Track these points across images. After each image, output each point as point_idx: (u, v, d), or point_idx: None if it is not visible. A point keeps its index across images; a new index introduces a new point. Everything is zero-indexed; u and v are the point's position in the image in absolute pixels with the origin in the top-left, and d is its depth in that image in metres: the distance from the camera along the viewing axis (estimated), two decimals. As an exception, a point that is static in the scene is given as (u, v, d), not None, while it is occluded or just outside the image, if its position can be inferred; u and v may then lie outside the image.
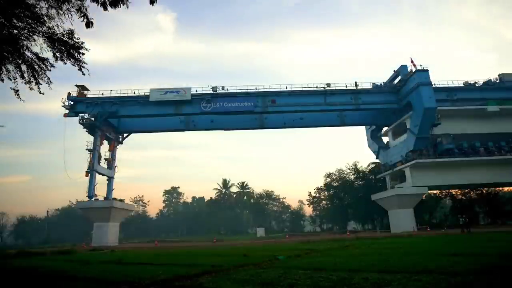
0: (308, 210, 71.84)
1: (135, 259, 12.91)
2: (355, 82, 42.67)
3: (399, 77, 43.03)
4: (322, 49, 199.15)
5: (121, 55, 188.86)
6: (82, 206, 39.72)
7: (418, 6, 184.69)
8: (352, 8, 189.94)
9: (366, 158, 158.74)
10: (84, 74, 8.19)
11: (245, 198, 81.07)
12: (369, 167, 58.27)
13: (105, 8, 7.01)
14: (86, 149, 39.66)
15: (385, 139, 48.57)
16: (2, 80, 7.83)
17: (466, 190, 50.74)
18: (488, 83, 44.10)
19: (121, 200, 41.91)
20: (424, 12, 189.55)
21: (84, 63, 8.04)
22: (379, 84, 44.22)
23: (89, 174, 38.69)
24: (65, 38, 7.58)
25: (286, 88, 42.61)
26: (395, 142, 45.48)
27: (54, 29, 7.47)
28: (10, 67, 7.71)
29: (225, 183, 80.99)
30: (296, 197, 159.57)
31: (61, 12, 7.21)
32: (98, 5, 7.01)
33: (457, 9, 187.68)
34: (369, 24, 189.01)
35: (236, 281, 5.92)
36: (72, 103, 40.26)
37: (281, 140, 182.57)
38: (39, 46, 7.62)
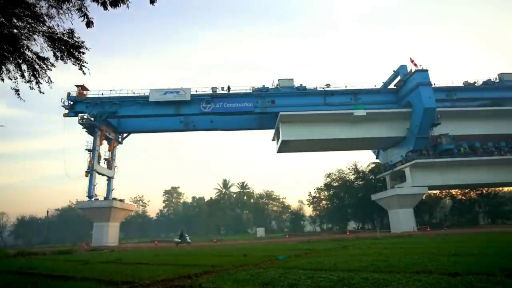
0: (308, 210, 71.85)
1: (135, 259, 12.90)
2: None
3: (399, 77, 43.08)
4: (322, 49, 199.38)
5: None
6: (82, 206, 39.74)
7: (418, 5, 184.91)
8: (352, 8, 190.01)
9: (366, 158, 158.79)
10: (84, 74, 8.18)
11: (245, 198, 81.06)
12: (369, 167, 58.28)
13: (105, 8, 7.00)
14: (86, 149, 39.72)
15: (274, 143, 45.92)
16: (3, 80, 7.83)
17: (466, 190, 50.76)
18: (487, 83, 44.14)
19: (121, 200, 41.92)
20: (424, 12, 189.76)
21: (85, 62, 8.04)
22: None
23: (89, 174, 38.75)
24: (65, 38, 7.58)
25: (286, 88, 42.66)
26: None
27: (55, 29, 7.47)
28: (11, 66, 7.70)
29: (225, 183, 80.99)
30: (296, 197, 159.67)
31: (62, 12, 7.21)
32: (98, 4, 7.00)
33: (457, 9, 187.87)
34: (369, 23, 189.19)
35: (236, 281, 5.92)
36: (71, 103, 40.32)
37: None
38: (39, 46, 7.62)
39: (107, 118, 41.40)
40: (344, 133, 40.91)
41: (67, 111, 40.15)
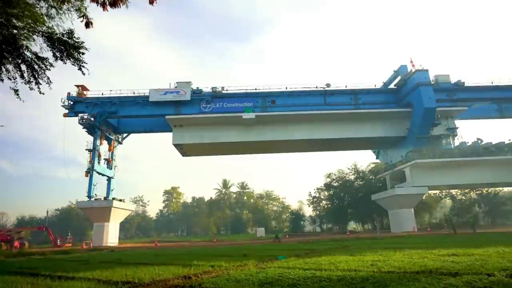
0: (308, 210, 71.87)
1: (135, 259, 12.90)
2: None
3: (399, 77, 43.03)
4: (322, 49, 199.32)
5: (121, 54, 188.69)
6: (82, 206, 39.70)
7: (418, 6, 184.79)
8: (353, 8, 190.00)
9: (366, 158, 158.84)
10: (84, 74, 8.18)
11: (245, 198, 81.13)
12: (369, 167, 58.28)
13: (104, 8, 6.99)
14: (86, 149, 39.74)
15: None
16: (2, 80, 7.81)
17: (466, 190, 50.76)
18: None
19: (121, 200, 41.87)
20: (425, 12, 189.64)
21: (84, 62, 8.03)
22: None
23: (88, 174, 38.74)
24: (64, 38, 7.58)
25: (286, 88, 42.63)
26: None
27: (54, 29, 7.46)
28: (10, 67, 7.69)
29: (225, 183, 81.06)
30: (296, 197, 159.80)
31: (61, 12, 7.21)
32: (97, 5, 6.99)
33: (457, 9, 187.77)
34: (369, 23, 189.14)
35: (236, 281, 5.91)
36: (71, 103, 40.28)
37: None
38: (38, 46, 7.61)
39: (107, 118, 41.34)
40: (236, 137, 40.21)
41: (67, 111, 40.13)
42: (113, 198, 41.53)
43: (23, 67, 7.81)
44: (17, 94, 8.03)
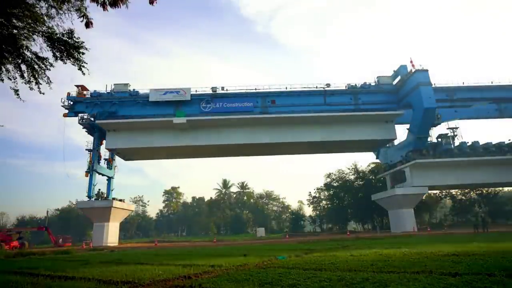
0: (308, 210, 71.92)
1: (135, 259, 12.89)
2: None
3: (399, 77, 43.02)
4: (322, 49, 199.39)
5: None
6: (82, 206, 39.72)
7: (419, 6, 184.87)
8: (352, 8, 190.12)
9: (366, 158, 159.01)
10: (84, 74, 8.18)
11: (245, 198, 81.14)
12: (369, 167, 58.28)
13: (105, 8, 6.99)
14: (86, 149, 39.77)
15: None
16: (2, 80, 7.82)
17: (466, 190, 50.78)
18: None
19: (121, 200, 41.89)
20: (425, 12, 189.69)
21: (84, 62, 8.03)
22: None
23: (89, 174, 38.77)
24: (65, 38, 7.59)
25: (286, 88, 42.64)
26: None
27: (54, 29, 7.47)
28: (10, 67, 7.70)
29: (225, 183, 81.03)
30: (296, 198, 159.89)
31: (61, 12, 7.22)
32: (97, 5, 6.99)
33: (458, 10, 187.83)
34: (370, 23, 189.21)
35: (236, 281, 5.91)
36: (71, 103, 40.31)
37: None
38: (38, 46, 7.62)
39: (107, 118, 41.36)
40: (170, 141, 40.13)
41: (67, 111, 40.16)
42: (113, 198, 41.57)
43: (23, 67, 7.82)
44: (17, 94, 8.04)
